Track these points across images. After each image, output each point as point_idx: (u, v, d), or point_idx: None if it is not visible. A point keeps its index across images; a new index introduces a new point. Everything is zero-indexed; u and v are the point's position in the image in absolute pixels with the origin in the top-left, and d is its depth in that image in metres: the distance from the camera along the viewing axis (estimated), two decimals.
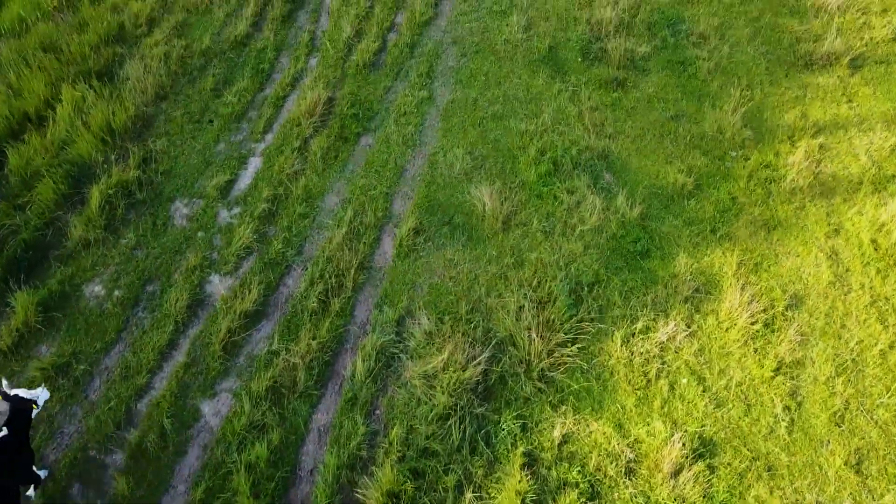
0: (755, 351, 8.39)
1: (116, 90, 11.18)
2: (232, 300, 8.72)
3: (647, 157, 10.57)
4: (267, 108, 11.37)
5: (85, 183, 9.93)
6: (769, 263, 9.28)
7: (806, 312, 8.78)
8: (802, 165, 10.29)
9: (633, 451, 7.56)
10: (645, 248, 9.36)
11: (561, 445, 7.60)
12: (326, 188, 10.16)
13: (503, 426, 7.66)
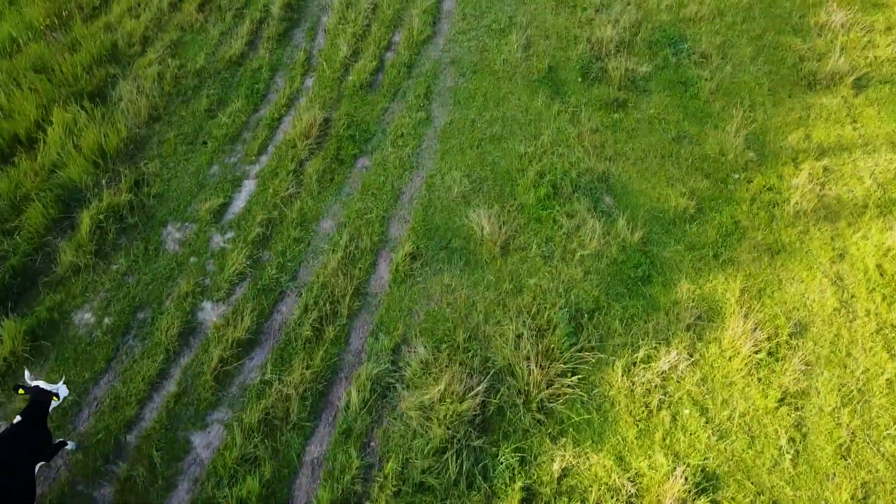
0: (759, 380, 8.21)
1: (109, 111, 11.02)
2: (224, 328, 8.54)
3: (648, 179, 10.40)
4: (262, 129, 11.18)
5: (75, 207, 9.76)
6: (773, 289, 9.10)
7: (810, 340, 8.61)
8: (806, 188, 10.13)
9: (634, 485, 7.39)
10: (646, 273, 9.18)
11: (560, 479, 7.44)
12: (322, 212, 9.98)
13: (501, 459, 7.48)
